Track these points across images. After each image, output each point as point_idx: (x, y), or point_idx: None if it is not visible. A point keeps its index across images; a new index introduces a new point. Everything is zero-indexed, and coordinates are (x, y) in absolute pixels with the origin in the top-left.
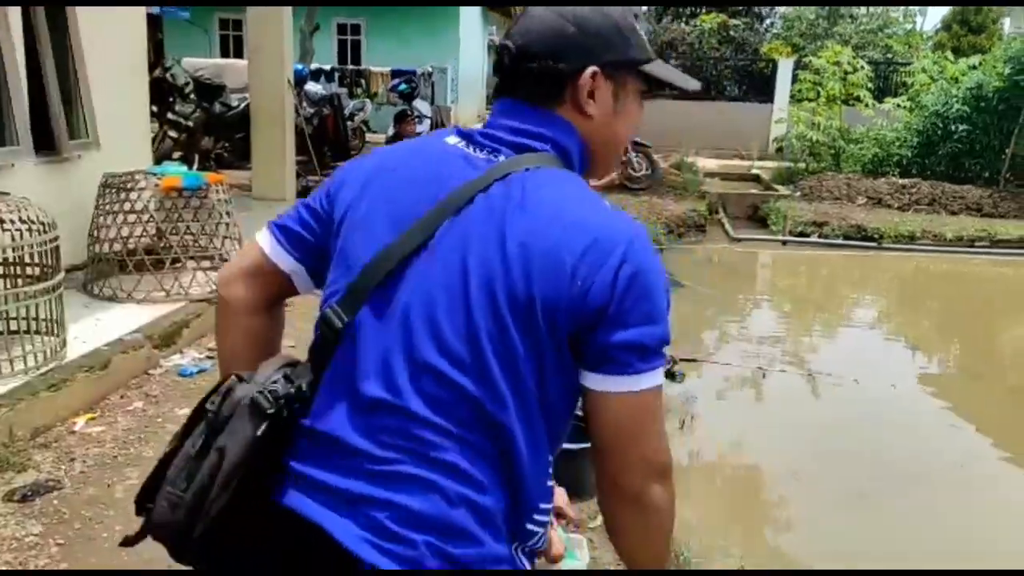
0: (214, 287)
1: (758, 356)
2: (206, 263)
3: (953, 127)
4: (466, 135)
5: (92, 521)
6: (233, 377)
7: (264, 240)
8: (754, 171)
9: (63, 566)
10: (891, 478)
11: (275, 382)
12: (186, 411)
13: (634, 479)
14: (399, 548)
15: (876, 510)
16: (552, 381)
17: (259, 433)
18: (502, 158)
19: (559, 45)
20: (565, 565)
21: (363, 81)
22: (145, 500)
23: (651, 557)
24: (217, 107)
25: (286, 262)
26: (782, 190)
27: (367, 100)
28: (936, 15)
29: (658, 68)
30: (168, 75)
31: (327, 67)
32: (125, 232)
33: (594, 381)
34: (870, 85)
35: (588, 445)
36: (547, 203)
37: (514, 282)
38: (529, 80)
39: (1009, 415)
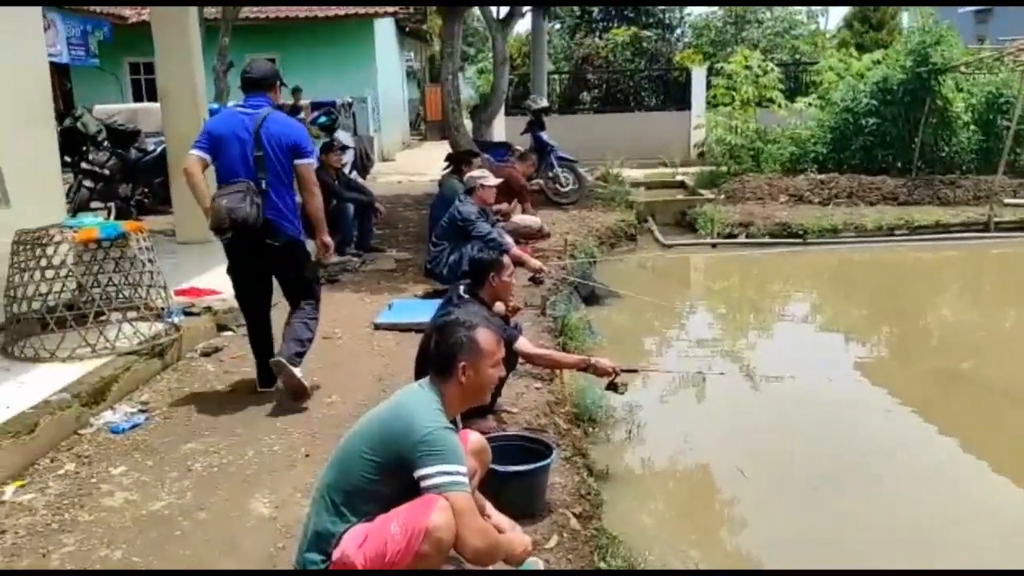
0: (142, 338)
1: (698, 360)
2: (132, 314)
3: (863, 121)
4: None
5: None
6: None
7: (197, 153)
8: (678, 178)
9: None
10: (834, 468)
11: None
12: (121, 469)
13: None
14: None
15: (823, 499)
16: None
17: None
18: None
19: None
20: None
21: None
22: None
23: None
24: (133, 153)
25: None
26: (707, 194)
27: None
28: (838, 14)
29: None
30: (79, 124)
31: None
32: (44, 289)
33: None
34: (781, 86)
35: (540, 465)
36: None
37: None
38: None
39: (937, 394)
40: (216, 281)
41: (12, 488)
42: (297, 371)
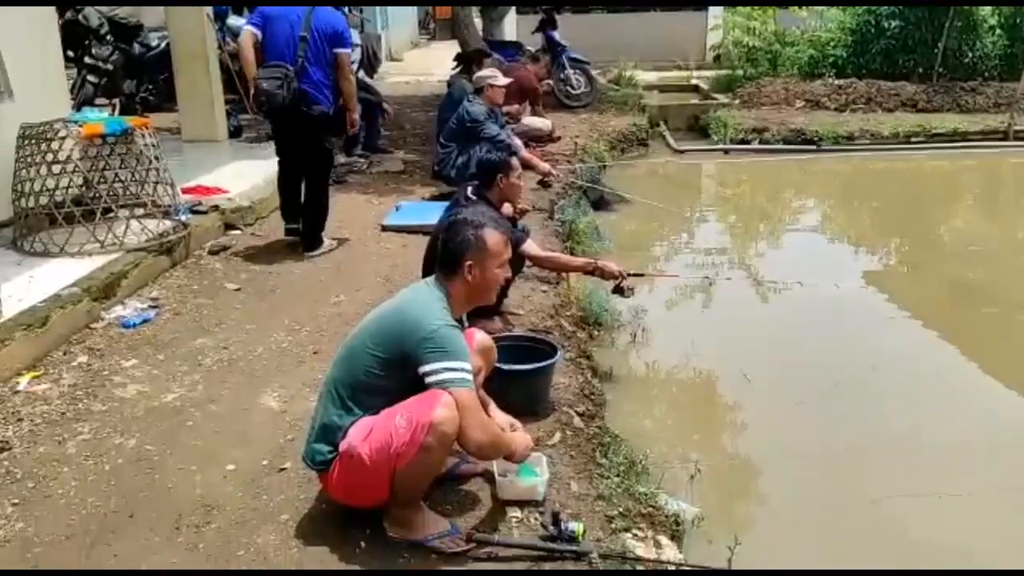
0: (150, 235)
1: (705, 266)
2: (139, 211)
3: (886, 24)
4: None
5: (46, 479)
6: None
7: (250, 28)
8: (693, 81)
9: (19, 526)
10: (838, 375)
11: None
12: (133, 362)
13: None
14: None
15: (826, 406)
16: None
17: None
18: None
19: None
20: (526, 482)
21: None
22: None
23: None
24: (136, 48)
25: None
26: (721, 99)
27: None
28: None
29: None
30: (80, 17)
31: None
32: (51, 184)
33: None
34: None
35: (544, 364)
36: None
37: None
38: None
39: (945, 303)
40: (223, 180)
41: (27, 379)
42: (318, 251)
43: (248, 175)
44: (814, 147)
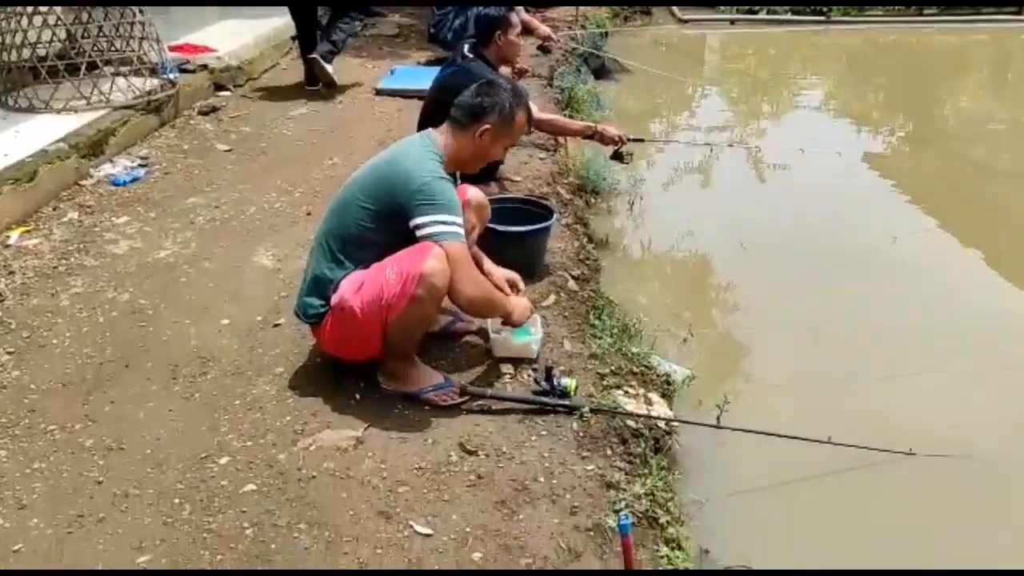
0: (137, 93)
1: (706, 135)
2: (125, 68)
3: None
4: None
5: (40, 329)
6: None
7: None
8: None
9: (15, 374)
10: (834, 255)
11: None
12: (124, 219)
13: None
14: None
15: (819, 282)
16: None
17: None
18: None
19: None
20: (520, 340)
21: None
22: None
23: None
24: None
25: None
26: None
27: None
28: None
29: None
30: None
31: None
32: (32, 37)
33: None
34: None
35: (541, 227)
36: None
37: None
38: None
39: (948, 184)
40: (211, 39)
41: (17, 233)
42: (329, 67)
43: (237, 34)
44: (823, 19)
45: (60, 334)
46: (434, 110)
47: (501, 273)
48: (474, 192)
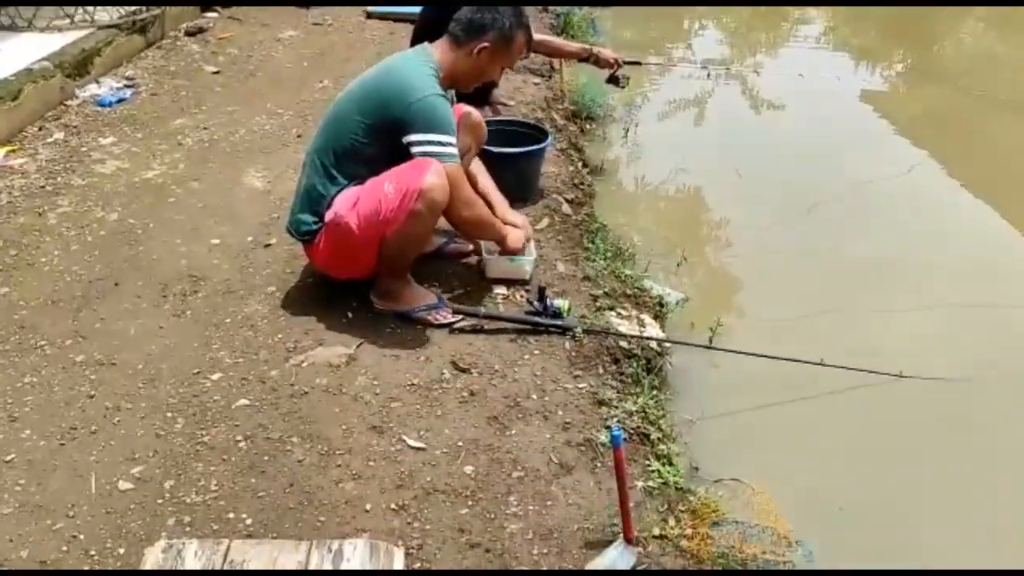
0: (122, 12)
1: (701, 62)
2: None
3: None
4: None
5: (28, 247)
6: None
7: None
8: None
9: (4, 291)
10: (833, 186)
11: None
12: (111, 140)
13: None
14: None
15: (818, 217)
16: None
17: None
18: None
19: None
20: (513, 260)
21: None
22: None
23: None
24: None
25: None
26: None
27: None
28: None
29: None
30: None
31: None
32: None
33: None
34: None
35: (535, 148)
36: None
37: None
38: None
39: (948, 119)
40: None
41: (2, 152)
42: None
43: None
44: None
45: (48, 252)
46: (427, 31)
47: (499, 197)
48: (470, 111)
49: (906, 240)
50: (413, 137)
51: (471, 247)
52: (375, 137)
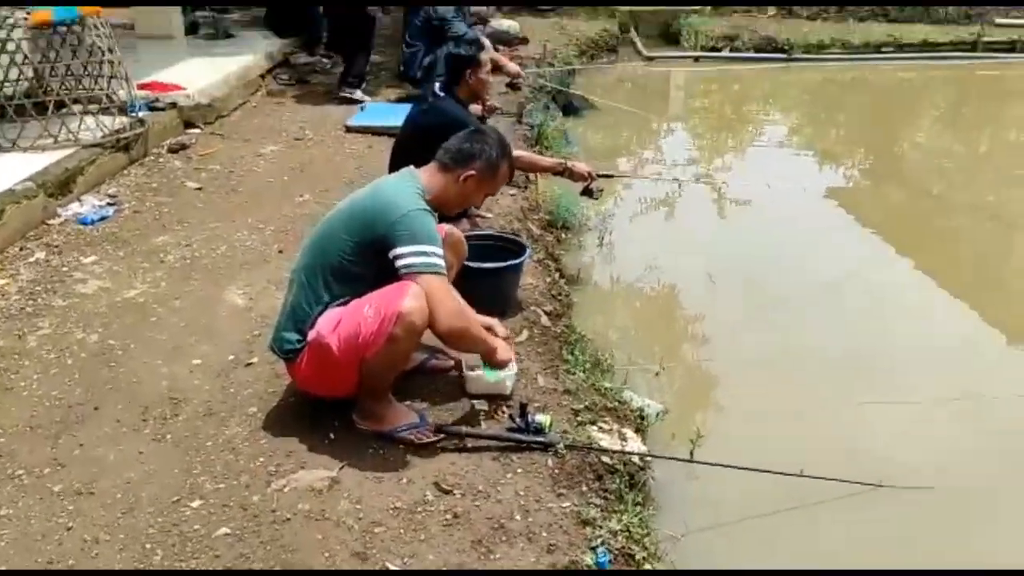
0: (106, 131)
1: (673, 172)
2: (94, 107)
3: None
4: None
5: (7, 372)
6: None
7: None
8: None
9: None
10: (800, 284)
11: None
12: (92, 259)
13: None
14: None
15: (790, 315)
16: None
17: None
18: None
19: None
20: (494, 377)
21: None
22: None
23: None
24: None
25: None
26: (694, 5)
27: None
28: None
29: None
30: None
31: None
32: None
33: None
34: None
35: (513, 263)
36: None
37: None
38: None
39: (908, 217)
40: (180, 76)
41: None
42: (352, 94)
43: (206, 72)
44: (785, 56)
45: (27, 376)
46: (407, 147)
47: (480, 319)
48: (451, 229)
49: (879, 335)
50: (399, 250)
51: (452, 363)
52: (362, 256)
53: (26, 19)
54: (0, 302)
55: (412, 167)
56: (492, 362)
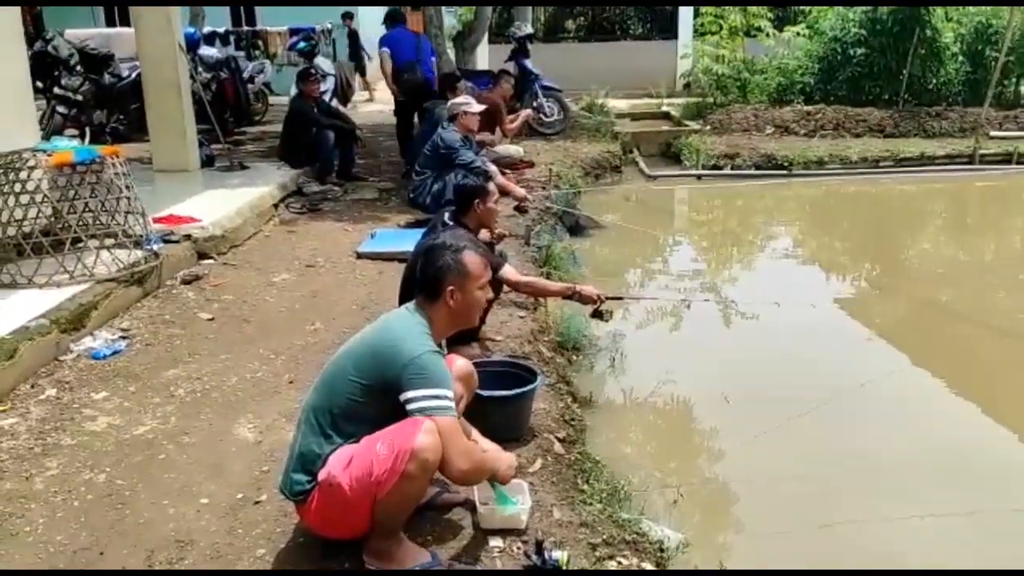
0: (121, 265)
1: (681, 289)
2: (109, 241)
3: (851, 51)
4: None
5: (12, 516)
6: None
7: (387, 50)
8: (664, 108)
9: None
10: (814, 398)
11: None
12: (103, 395)
13: None
14: None
15: (803, 430)
16: None
17: None
18: None
19: None
20: (508, 511)
21: (260, 42)
22: None
23: None
24: (107, 78)
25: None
26: (693, 125)
27: (266, 61)
28: None
29: None
30: (50, 47)
31: (221, 30)
32: (19, 214)
33: None
34: (770, 15)
35: (525, 390)
36: None
37: None
38: None
39: (916, 327)
40: (195, 209)
41: None
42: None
43: (221, 204)
44: (785, 172)
45: (33, 521)
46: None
47: (486, 445)
48: (462, 363)
49: (894, 447)
50: (408, 395)
51: (463, 497)
52: (372, 397)
53: (47, 160)
54: (9, 442)
55: (413, 303)
56: (502, 479)
